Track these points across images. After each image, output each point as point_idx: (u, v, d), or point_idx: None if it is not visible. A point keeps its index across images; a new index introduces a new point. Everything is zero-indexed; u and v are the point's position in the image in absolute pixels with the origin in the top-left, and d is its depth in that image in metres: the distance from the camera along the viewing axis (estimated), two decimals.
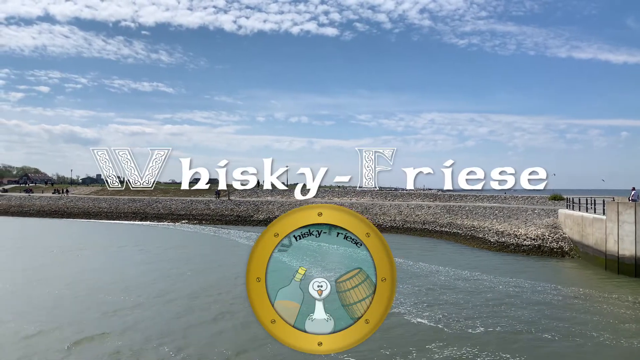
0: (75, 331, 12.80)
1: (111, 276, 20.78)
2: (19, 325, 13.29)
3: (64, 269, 22.81)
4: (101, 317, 14.20)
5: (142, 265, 23.80)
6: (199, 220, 47.81)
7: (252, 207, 48.90)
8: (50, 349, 11.49)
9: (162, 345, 11.65)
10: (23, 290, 18.07)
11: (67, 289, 17.95)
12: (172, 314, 14.69)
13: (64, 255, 27.38)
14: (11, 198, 69.20)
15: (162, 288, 18.28)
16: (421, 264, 23.48)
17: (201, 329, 13.18)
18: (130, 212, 53.62)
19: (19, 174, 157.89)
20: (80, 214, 55.77)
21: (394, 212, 42.67)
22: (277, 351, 11.31)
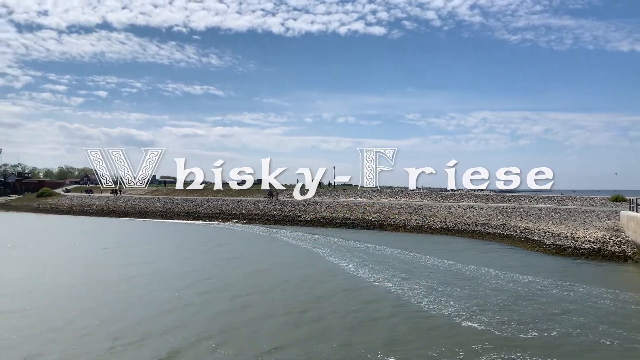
0: (123, 324, 13.33)
1: (162, 272, 21.46)
2: (71, 318, 13.96)
3: (119, 264, 23.75)
4: (149, 313, 14.67)
5: (192, 262, 24.41)
6: (249, 219, 48.63)
7: (300, 208, 49.21)
8: (96, 343, 11.93)
9: (204, 340, 11.90)
10: (77, 284, 18.93)
11: (121, 284, 18.66)
12: (215, 311, 14.95)
13: (120, 251, 28.56)
14: (73, 198, 72.98)
15: (204, 284, 18.67)
16: (471, 266, 22.84)
17: (241, 326, 13.36)
18: (183, 211, 55.22)
19: (80, 175, 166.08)
20: (136, 213, 57.99)
21: (444, 213, 41.77)
22: (312, 349, 11.30)
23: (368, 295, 17.04)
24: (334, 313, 14.68)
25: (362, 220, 43.02)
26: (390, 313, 14.63)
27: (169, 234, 39.41)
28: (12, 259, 25.94)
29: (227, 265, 23.76)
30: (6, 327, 13.11)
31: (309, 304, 15.79)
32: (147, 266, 23.40)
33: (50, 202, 71.31)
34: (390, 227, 40.75)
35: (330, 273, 21.36)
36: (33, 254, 27.70)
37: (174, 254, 27.87)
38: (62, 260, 25.50)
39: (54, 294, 17.17)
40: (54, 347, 11.55)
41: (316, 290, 17.89)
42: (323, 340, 12.14)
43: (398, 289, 17.76)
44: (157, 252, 28.86)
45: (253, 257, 26.50)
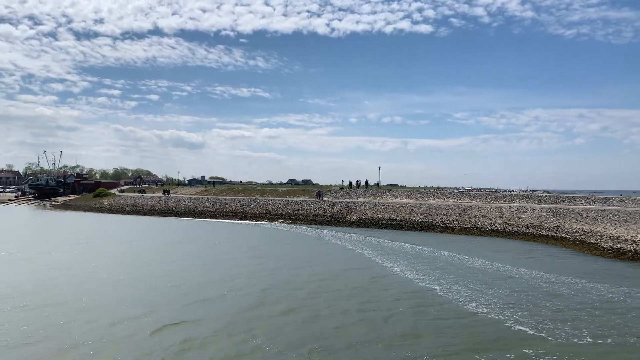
0: (165, 317, 13.72)
1: (208, 268, 21.97)
2: (114, 310, 14.53)
3: (168, 260, 24.51)
4: (189, 305, 15.03)
5: (237, 259, 24.85)
6: (294, 220, 49.01)
7: (345, 208, 49.13)
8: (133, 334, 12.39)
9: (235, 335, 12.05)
10: (128, 278, 19.65)
11: (167, 279, 19.24)
12: (246, 307, 15.14)
13: (171, 248, 29.48)
14: (127, 198, 75.99)
15: (244, 280, 18.93)
16: (522, 269, 22.05)
17: (268, 322, 13.51)
18: (231, 211, 56.33)
19: (133, 176, 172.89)
20: (187, 212, 59.68)
21: (494, 214, 40.59)
22: (336, 343, 11.20)
23: (414, 296, 16.76)
24: (379, 314, 14.53)
25: (408, 222, 42.46)
26: (437, 315, 14.33)
27: (219, 233, 40.25)
28: (81, 254, 27.23)
29: (273, 263, 24.01)
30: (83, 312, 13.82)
31: (352, 304, 15.70)
32: (199, 262, 24.02)
33: (106, 202, 74.57)
34: (437, 229, 39.99)
35: (375, 274, 21.18)
36: (100, 249, 29.00)
37: (222, 251, 28.44)
38: (122, 255, 26.60)
39: (113, 286, 17.93)
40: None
41: (361, 291, 17.77)
42: (369, 342, 12.02)
43: (445, 291, 17.38)
44: (206, 249, 29.56)
45: (298, 257, 26.65)
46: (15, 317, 13.80)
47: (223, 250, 29.31)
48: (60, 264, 23.36)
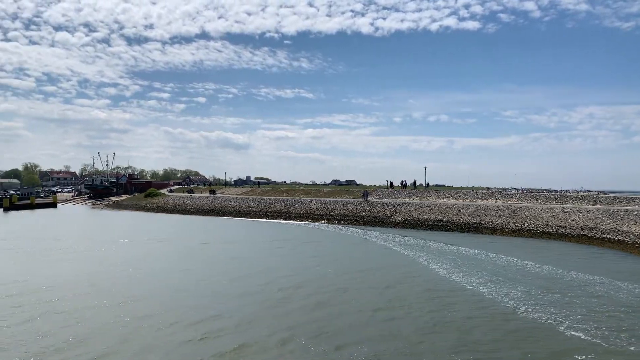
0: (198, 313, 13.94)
1: (254, 266, 22.27)
2: (148, 305, 14.87)
3: (211, 257, 25.02)
4: (223, 302, 15.22)
5: (279, 258, 25.04)
6: (338, 220, 48.95)
7: (390, 209, 48.61)
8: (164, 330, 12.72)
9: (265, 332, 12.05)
10: (167, 274, 20.18)
11: (208, 275, 19.62)
12: (298, 307, 15.17)
13: (215, 246, 30.11)
14: (176, 198, 78.21)
15: (293, 280, 19.02)
16: (575, 272, 21.10)
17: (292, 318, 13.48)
18: (276, 211, 56.90)
19: (182, 176, 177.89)
20: (233, 212, 60.77)
21: (546, 216, 39.09)
22: (370, 335, 10.99)
23: (461, 299, 16.37)
24: (426, 317, 14.26)
25: (455, 223, 41.55)
26: (485, 319, 13.92)
27: (264, 232, 40.74)
28: (128, 251, 28.27)
29: (319, 263, 24.05)
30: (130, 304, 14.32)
31: (397, 306, 15.50)
32: (247, 262, 24.40)
33: (156, 202, 77.02)
34: (486, 230, 38.93)
35: (421, 275, 20.82)
36: (147, 246, 30.02)
37: (268, 250, 28.75)
38: (170, 252, 27.41)
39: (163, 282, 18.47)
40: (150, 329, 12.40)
41: (405, 293, 17.54)
42: (416, 346, 11.81)
43: (494, 294, 16.86)
44: (253, 247, 29.99)
45: (342, 256, 26.58)
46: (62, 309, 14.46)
47: (269, 248, 29.63)
48: (115, 260, 24.31)
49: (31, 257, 25.69)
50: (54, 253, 27.36)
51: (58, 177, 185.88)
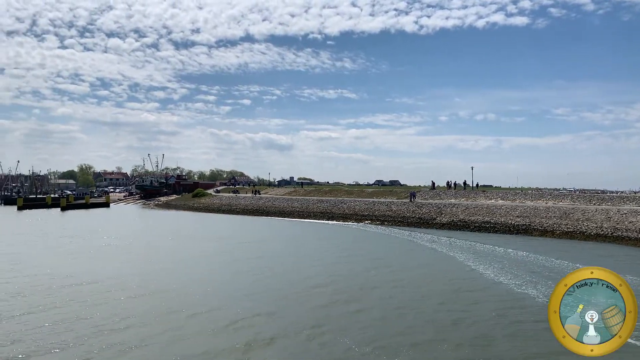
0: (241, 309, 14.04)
1: (297, 265, 22.33)
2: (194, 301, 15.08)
3: (257, 255, 25.30)
4: (270, 300, 15.26)
5: (327, 259, 25.01)
6: (381, 221, 48.47)
7: (435, 210, 47.68)
8: (206, 327, 12.89)
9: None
10: (215, 272, 20.49)
11: (257, 275, 19.79)
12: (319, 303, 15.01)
13: (258, 244, 30.46)
14: (222, 198, 79.79)
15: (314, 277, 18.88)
16: (630, 277, 19.89)
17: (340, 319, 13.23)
18: (319, 212, 56.99)
19: (228, 177, 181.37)
20: (277, 212, 61.33)
21: (600, 217, 37.26)
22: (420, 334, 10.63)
23: (512, 304, 15.75)
24: (480, 321, 13.82)
25: (503, 224, 40.28)
26: (536, 324, 13.31)
27: (308, 232, 40.90)
28: (176, 248, 29.01)
29: (361, 263, 23.85)
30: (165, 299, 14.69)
31: (441, 310, 15.10)
32: (289, 260, 24.54)
33: (203, 202, 78.85)
34: (536, 232, 37.51)
35: (465, 277, 20.25)
36: (195, 245, 30.75)
37: (310, 250, 28.80)
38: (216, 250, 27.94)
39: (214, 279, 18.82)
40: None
41: (451, 295, 17.07)
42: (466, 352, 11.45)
43: (545, 299, 16.14)
44: (297, 247, 30.14)
45: (387, 257, 26.25)
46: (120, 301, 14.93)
47: (313, 248, 29.68)
48: (163, 256, 25.00)
49: (88, 254, 26.80)
50: (109, 250, 28.50)
51: (111, 177, 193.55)
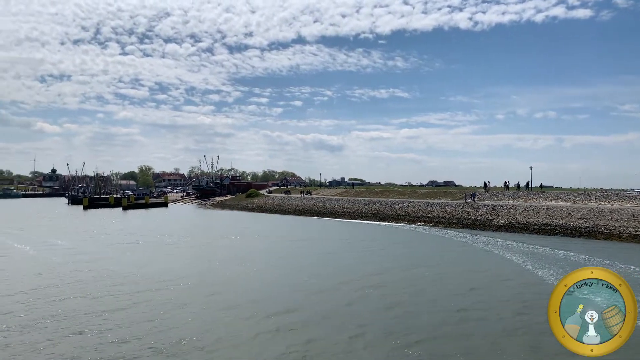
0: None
1: (349, 267, 22.27)
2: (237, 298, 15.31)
3: (303, 254, 25.44)
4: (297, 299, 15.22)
5: (370, 257, 24.79)
6: (435, 222, 47.52)
7: (492, 211, 46.21)
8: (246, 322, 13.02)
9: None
10: (260, 271, 20.75)
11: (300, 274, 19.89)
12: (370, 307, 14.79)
13: (308, 243, 30.64)
14: (274, 198, 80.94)
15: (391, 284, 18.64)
16: None
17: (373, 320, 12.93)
18: (370, 212, 56.62)
19: (279, 178, 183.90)
20: (327, 213, 61.48)
21: None
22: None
23: None
24: (536, 329, 13.26)
25: (564, 227, 38.46)
26: None
27: (358, 232, 40.74)
28: (229, 247, 29.71)
29: (410, 265, 23.48)
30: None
31: (501, 315, 14.57)
32: (337, 260, 24.53)
33: (256, 202, 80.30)
34: (600, 236, 35.56)
35: (525, 282, 19.46)
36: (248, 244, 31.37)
37: (360, 250, 28.67)
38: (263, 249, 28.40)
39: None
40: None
41: (514, 302, 16.45)
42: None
43: None
44: (345, 247, 30.09)
45: (440, 260, 25.71)
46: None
47: (363, 248, 29.52)
48: (218, 254, 25.65)
49: (149, 250, 27.98)
50: (169, 247, 29.66)
51: (169, 178, 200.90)
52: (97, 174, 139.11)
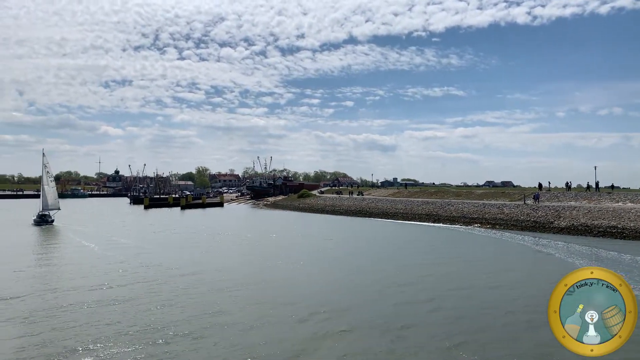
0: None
1: (402, 269, 21.97)
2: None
3: (355, 254, 25.36)
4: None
5: (422, 259, 24.33)
6: (492, 224, 46.04)
7: (552, 213, 44.21)
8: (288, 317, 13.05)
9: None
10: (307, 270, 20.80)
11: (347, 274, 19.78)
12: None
13: (364, 244, 30.50)
14: (326, 199, 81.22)
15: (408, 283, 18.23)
16: None
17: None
18: (424, 214, 55.64)
19: (331, 178, 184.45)
20: (380, 214, 60.96)
21: None
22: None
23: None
24: None
25: (633, 230, 36.20)
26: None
27: (410, 234, 40.17)
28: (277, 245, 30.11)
29: (478, 270, 22.87)
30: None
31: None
32: (387, 261, 24.30)
33: (308, 202, 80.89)
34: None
35: None
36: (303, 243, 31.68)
37: (412, 252, 28.25)
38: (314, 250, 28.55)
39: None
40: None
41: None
42: None
43: None
44: (397, 248, 29.75)
45: (495, 264, 24.88)
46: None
47: (418, 249, 29.07)
48: (282, 252, 26.06)
49: (208, 248, 28.88)
50: (226, 244, 30.41)
51: (224, 179, 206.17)
52: (157, 175, 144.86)
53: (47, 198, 48.11)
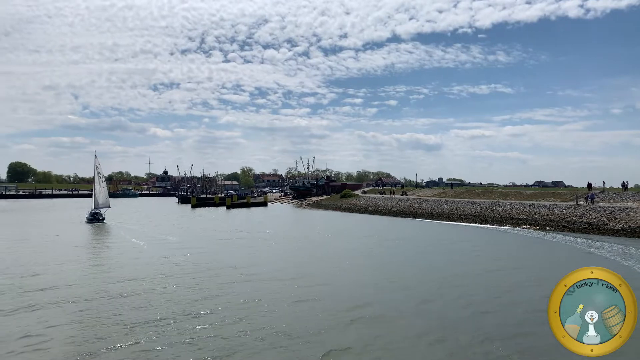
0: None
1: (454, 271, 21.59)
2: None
3: (400, 256, 25.08)
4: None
5: (466, 261, 23.76)
6: (542, 226, 44.44)
7: (607, 214, 42.18)
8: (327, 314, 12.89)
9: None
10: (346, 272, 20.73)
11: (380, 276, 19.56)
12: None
13: (409, 244, 30.16)
14: (369, 199, 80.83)
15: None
16: None
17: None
18: (470, 214, 54.41)
19: (374, 178, 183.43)
20: (424, 214, 60.07)
21: None
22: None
23: None
24: None
25: None
26: None
27: (457, 235, 39.40)
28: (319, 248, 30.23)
29: (529, 276, 22.19)
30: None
31: None
32: (430, 263, 23.94)
33: (350, 202, 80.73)
34: None
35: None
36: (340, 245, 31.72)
37: (457, 254, 27.70)
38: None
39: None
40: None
41: None
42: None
43: None
44: (442, 250, 29.26)
45: (543, 268, 24.02)
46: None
47: (465, 252, 28.51)
48: (329, 251, 26.21)
49: (254, 246, 29.49)
50: (269, 243, 30.86)
51: (268, 179, 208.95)
52: (203, 175, 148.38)
53: (98, 197, 50.39)
